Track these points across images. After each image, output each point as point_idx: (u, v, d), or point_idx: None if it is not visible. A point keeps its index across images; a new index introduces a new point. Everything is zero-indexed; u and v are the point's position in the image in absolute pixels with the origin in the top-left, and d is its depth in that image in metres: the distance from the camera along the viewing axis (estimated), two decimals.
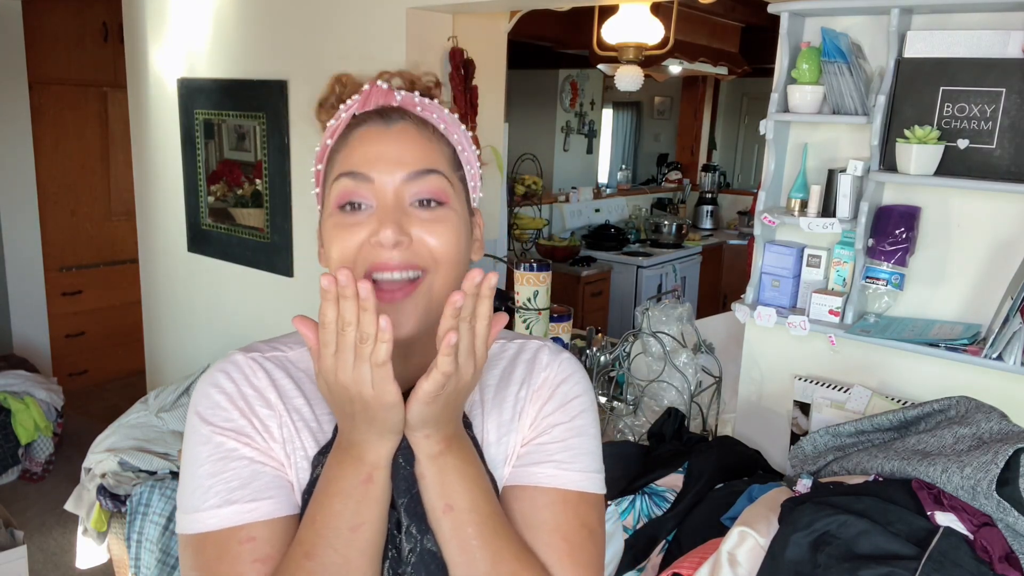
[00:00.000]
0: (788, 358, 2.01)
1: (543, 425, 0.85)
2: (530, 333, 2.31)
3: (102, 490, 2.69)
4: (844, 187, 1.78)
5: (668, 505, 1.68)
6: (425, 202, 0.77)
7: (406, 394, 0.71)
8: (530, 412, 0.86)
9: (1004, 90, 1.62)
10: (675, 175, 6.86)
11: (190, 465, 0.77)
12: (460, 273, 0.78)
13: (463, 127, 0.85)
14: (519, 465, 0.83)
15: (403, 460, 0.75)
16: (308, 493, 0.78)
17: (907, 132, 1.68)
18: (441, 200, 0.78)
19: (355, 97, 0.82)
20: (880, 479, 1.41)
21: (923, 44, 1.70)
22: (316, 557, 0.71)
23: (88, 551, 2.85)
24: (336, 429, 0.77)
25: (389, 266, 0.75)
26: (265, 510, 0.75)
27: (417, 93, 0.83)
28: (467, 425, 0.81)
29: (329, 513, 0.72)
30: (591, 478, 0.84)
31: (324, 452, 0.79)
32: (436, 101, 0.84)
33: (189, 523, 0.75)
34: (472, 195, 0.85)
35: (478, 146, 0.88)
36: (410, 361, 0.82)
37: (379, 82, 0.82)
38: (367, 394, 0.68)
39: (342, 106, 0.83)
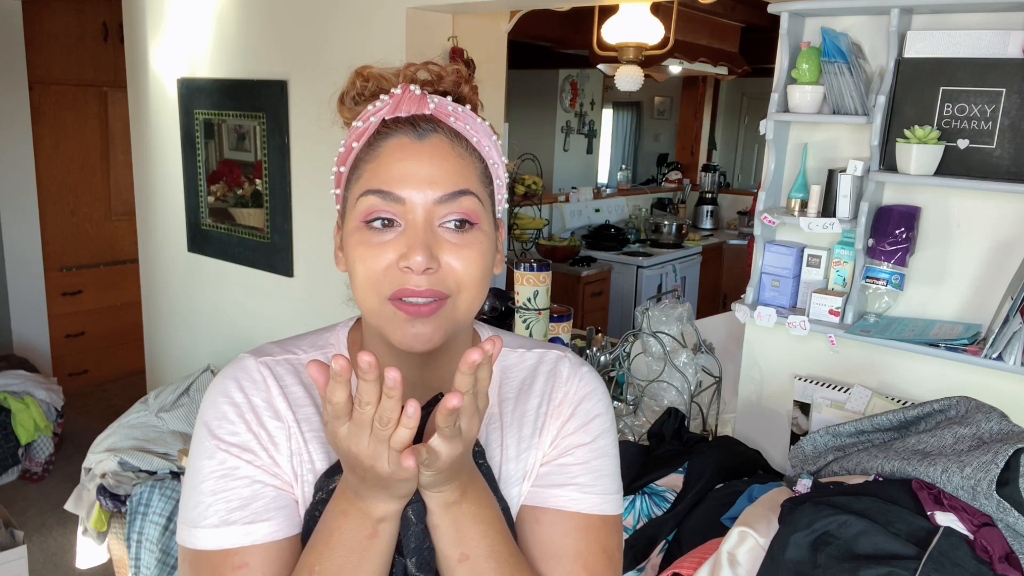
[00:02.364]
0: (788, 358, 2.01)
1: (564, 445, 0.84)
2: (530, 333, 2.32)
3: (102, 490, 2.69)
4: (844, 187, 1.78)
5: (668, 505, 1.68)
6: (457, 223, 0.74)
7: (426, 409, 0.68)
8: (551, 429, 0.84)
9: (1004, 90, 1.62)
10: (675, 175, 6.86)
11: (193, 477, 0.77)
12: (484, 293, 0.77)
13: (494, 136, 0.81)
14: (540, 485, 0.82)
15: (414, 516, 0.72)
16: (311, 514, 0.77)
17: (907, 132, 1.68)
18: (472, 221, 0.75)
19: (384, 98, 0.77)
20: (880, 479, 1.41)
21: (923, 44, 1.70)
22: None
23: (88, 551, 2.85)
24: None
25: (416, 292, 0.72)
26: (262, 533, 0.74)
27: (450, 99, 0.78)
28: (479, 453, 0.79)
29: (330, 565, 0.70)
30: (611, 500, 0.83)
31: (330, 475, 0.77)
32: (468, 107, 0.80)
33: (188, 537, 0.75)
34: (498, 207, 0.82)
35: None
36: (426, 373, 0.81)
37: (412, 87, 0.77)
38: (381, 469, 0.64)
39: (370, 107, 0.77)
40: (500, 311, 2.48)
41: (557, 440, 0.84)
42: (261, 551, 0.74)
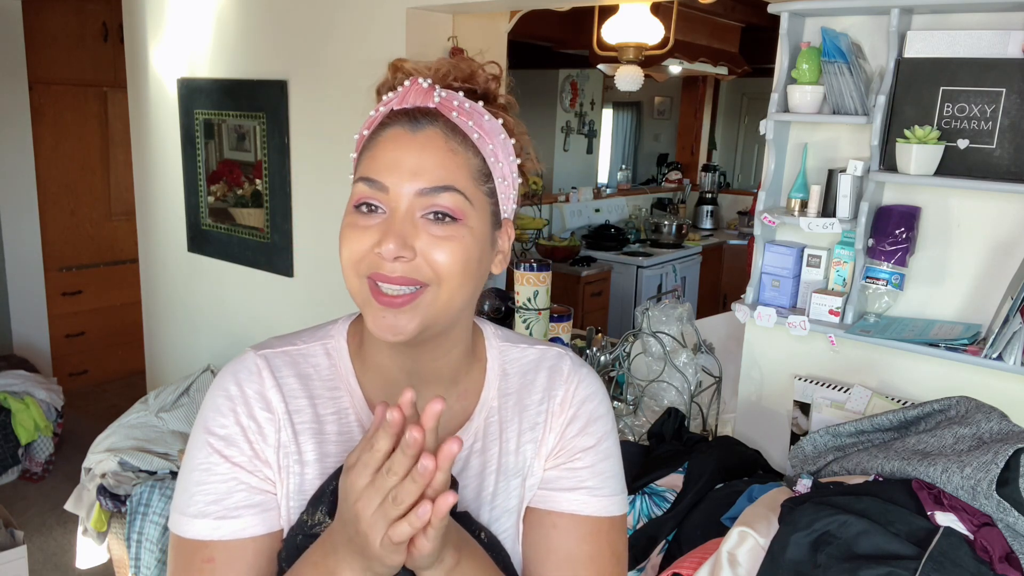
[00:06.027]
0: (788, 358, 2.01)
1: (570, 448, 0.86)
2: (530, 333, 2.32)
3: (102, 490, 2.69)
4: (844, 187, 1.78)
5: (668, 505, 1.68)
6: (440, 215, 0.74)
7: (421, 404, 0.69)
8: (554, 428, 0.87)
9: (1004, 90, 1.62)
10: (675, 175, 6.85)
11: (185, 466, 0.81)
12: (469, 288, 0.77)
13: (503, 135, 0.80)
14: (551, 489, 0.85)
15: None
16: (292, 535, 0.79)
17: (907, 132, 1.68)
18: (456, 216, 0.75)
19: (399, 90, 0.79)
20: (880, 479, 1.41)
21: (923, 44, 1.70)
22: None
23: (88, 551, 2.85)
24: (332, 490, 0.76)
25: (389, 278, 0.74)
26: (229, 529, 0.77)
27: (461, 93, 0.79)
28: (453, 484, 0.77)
29: None
30: (617, 501, 0.87)
31: (314, 503, 0.78)
32: (483, 103, 0.79)
33: (174, 521, 0.80)
34: (503, 206, 0.81)
35: (519, 154, 0.82)
36: (419, 363, 0.82)
37: (420, 80, 0.78)
38: (372, 543, 0.64)
39: (384, 98, 0.80)
40: (500, 311, 2.48)
41: (561, 443, 0.86)
42: (227, 548, 0.77)
